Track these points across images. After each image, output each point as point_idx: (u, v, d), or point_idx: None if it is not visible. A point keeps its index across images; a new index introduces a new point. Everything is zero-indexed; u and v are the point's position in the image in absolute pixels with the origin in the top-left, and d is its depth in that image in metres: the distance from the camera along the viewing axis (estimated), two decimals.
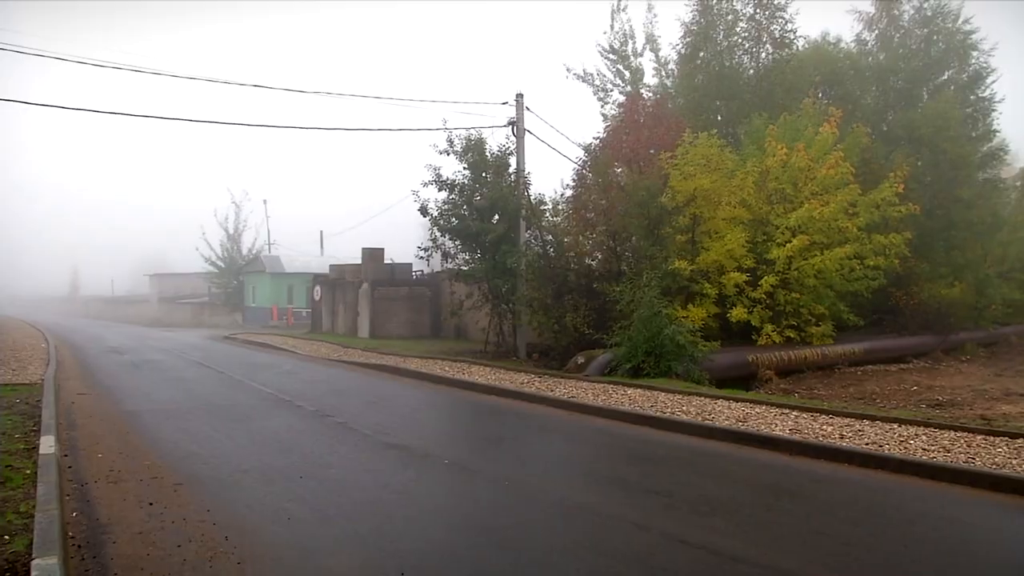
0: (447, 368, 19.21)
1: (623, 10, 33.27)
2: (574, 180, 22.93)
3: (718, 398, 13.28)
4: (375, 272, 33.12)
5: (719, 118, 29.77)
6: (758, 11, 28.75)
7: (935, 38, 33.04)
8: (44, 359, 21.55)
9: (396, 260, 35.59)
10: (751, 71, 29.30)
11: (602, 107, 32.97)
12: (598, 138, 23.86)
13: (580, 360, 18.07)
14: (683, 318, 18.27)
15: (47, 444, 9.20)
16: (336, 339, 30.84)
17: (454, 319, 27.46)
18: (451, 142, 22.91)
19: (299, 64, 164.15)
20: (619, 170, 22.91)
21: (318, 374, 19.09)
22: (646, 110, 24.45)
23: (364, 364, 21.07)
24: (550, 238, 22.01)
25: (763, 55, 29.28)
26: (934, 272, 28.27)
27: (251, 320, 48.58)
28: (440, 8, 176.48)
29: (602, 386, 15.13)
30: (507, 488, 8.03)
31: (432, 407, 14.32)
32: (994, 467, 8.31)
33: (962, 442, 9.54)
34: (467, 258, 23.86)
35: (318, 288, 37.88)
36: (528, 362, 21.12)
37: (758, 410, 12.09)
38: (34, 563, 5.14)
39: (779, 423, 10.96)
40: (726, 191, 21.11)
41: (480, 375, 17.61)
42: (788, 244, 20.77)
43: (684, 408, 12.38)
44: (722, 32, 29.28)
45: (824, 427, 10.60)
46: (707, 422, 11.18)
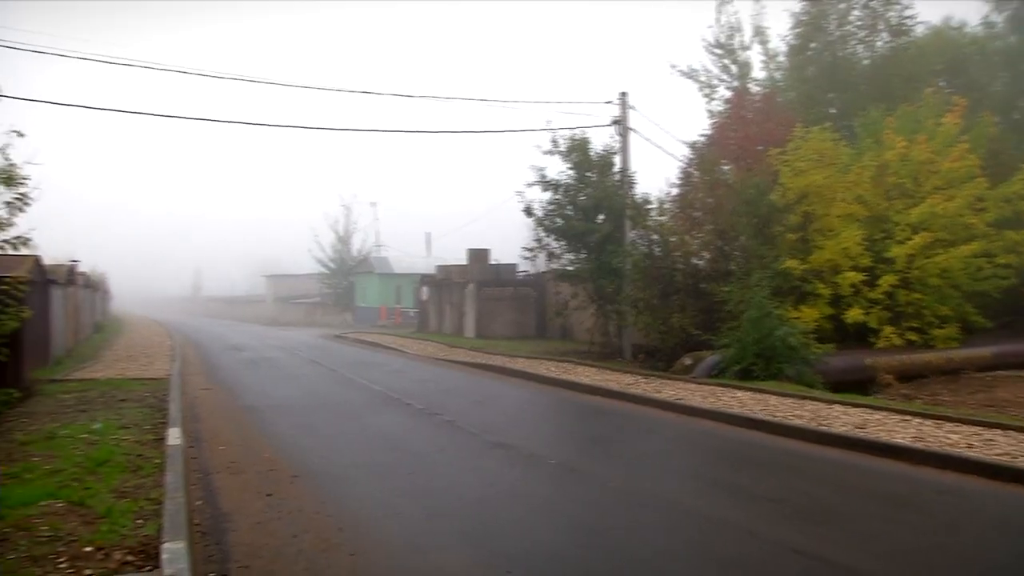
0: (552, 368, 19.24)
1: (729, 3, 32.55)
2: (680, 178, 22.60)
3: (833, 402, 12.81)
4: (481, 272, 33.48)
5: (832, 111, 28.67)
6: None
7: None
8: (170, 355, 22.78)
9: (501, 261, 35.86)
10: (866, 61, 28.13)
11: (708, 103, 32.32)
12: (704, 135, 23.48)
13: (687, 361, 17.78)
14: (795, 319, 17.70)
15: (174, 436, 9.73)
16: (442, 338, 31.35)
17: (559, 319, 27.45)
18: (555, 142, 22.94)
19: (405, 68, 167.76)
20: (726, 167, 22.43)
21: (425, 373, 19.46)
22: (754, 105, 23.85)
23: (470, 363, 21.33)
24: (656, 237, 21.71)
25: (879, 44, 28.07)
26: None
27: (361, 319, 49.94)
28: (542, 8, 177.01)
29: (710, 388, 14.84)
30: (614, 490, 7.98)
31: (538, 407, 14.38)
32: None
33: None
34: (572, 258, 23.79)
35: (425, 288, 38.58)
36: (634, 363, 20.91)
37: (877, 416, 11.58)
38: (164, 546, 5.46)
39: (900, 430, 10.45)
40: (840, 187, 20.33)
41: (585, 375, 17.56)
42: (909, 242, 19.79)
43: (797, 412, 11.99)
44: (835, 21, 28.23)
45: (949, 435, 10.04)
46: (821, 427, 10.79)
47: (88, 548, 5.49)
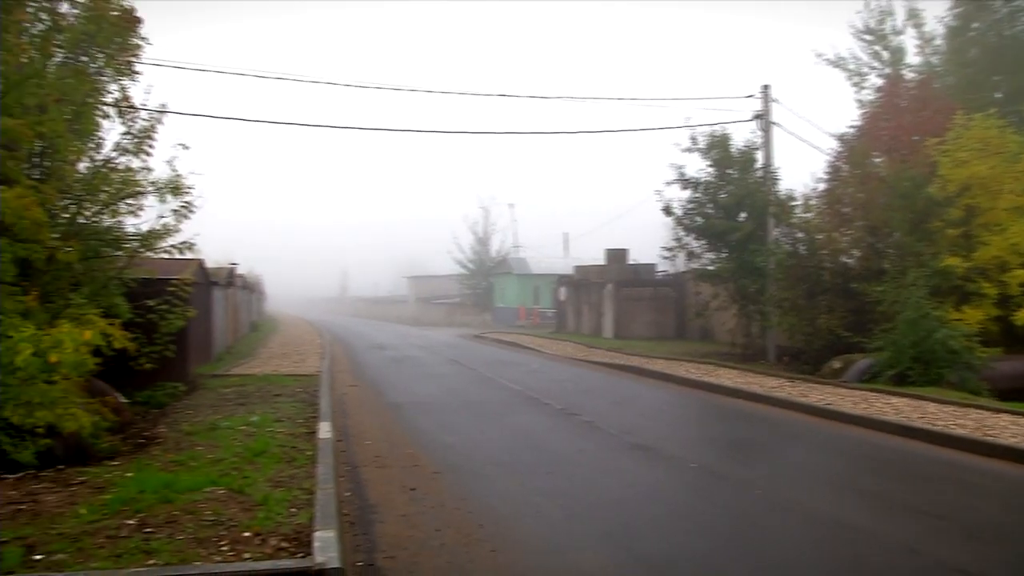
0: (692, 370, 18.87)
1: None
2: (827, 173, 21.62)
3: (1001, 411, 11.90)
4: (619, 273, 33.27)
5: (998, 96, 26.67)
6: None
7: None
8: (320, 353, 23.86)
9: (639, 261, 35.54)
10: None
11: (857, 93, 30.82)
12: (853, 126, 22.36)
13: (836, 365, 17.04)
14: (956, 321, 16.59)
15: (324, 430, 10.18)
16: (580, 339, 31.35)
17: (699, 320, 26.92)
18: (694, 139, 22.53)
19: (541, 69, 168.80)
20: (878, 160, 21.28)
21: (564, 373, 19.50)
22: (908, 92, 22.52)
23: (608, 364, 21.22)
24: (801, 235, 20.92)
25: None
26: None
27: (499, 320, 50.65)
28: (681, 4, 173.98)
29: (861, 393, 14.12)
30: (757, 496, 7.72)
31: (677, 409, 14.12)
32: None
33: None
34: (712, 257, 23.29)
35: (563, 289, 38.70)
36: (778, 365, 20.22)
37: None
38: (316, 535, 5.72)
39: None
40: (1009, 177, 18.86)
41: (727, 378, 17.11)
42: None
43: (959, 421, 11.20)
44: None
45: None
46: (988, 438, 10.03)
47: (247, 533, 5.82)
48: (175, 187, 10.28)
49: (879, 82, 28.87)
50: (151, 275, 12.04)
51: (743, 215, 22.16)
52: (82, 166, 10.59)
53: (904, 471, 9.08)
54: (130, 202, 10.77)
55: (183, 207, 10.41)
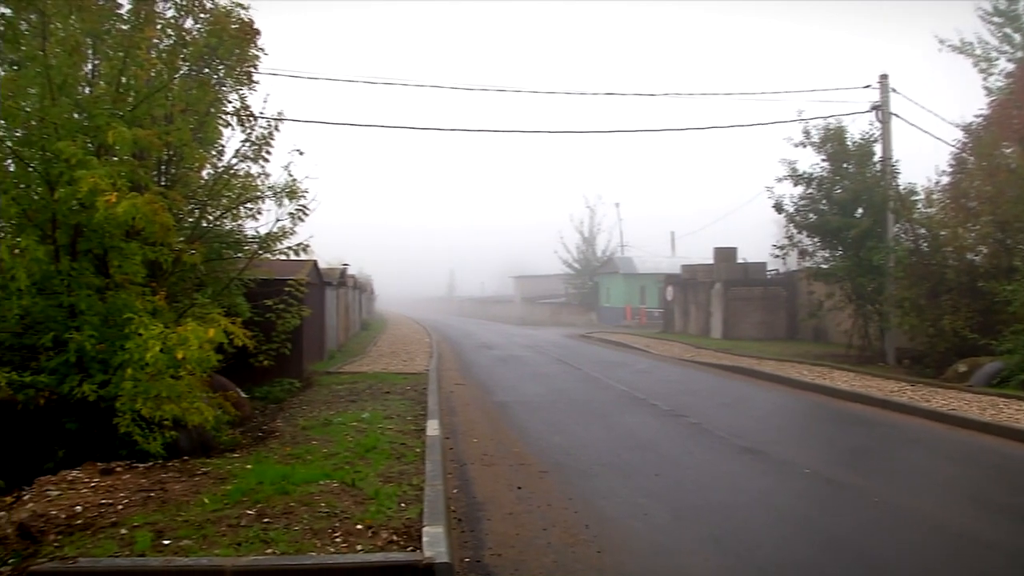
0: (805, 372, 18.27)
1: None
2: (951, 165, 20.49)
3: None
4: (727, 272, 32.55)
5: None
6: None
7: None
8: (428, 352, 24.32)
9: (748, 259, 34.69)
10: None
11: (984, 80, 28.92)
12: (980, 115, 21.04)
13: (961, 368, 16.17)
14: None
15: (432, 427, 10.38)
16: (688, 339, 30.84)
17: (812, 320, 26.08)
18: (807, 133, 21.78)
19: (646, 66, 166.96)
20: (1008, 151, 20.00)
21: (671, 374, 19.23)
22: None
23: (716, 365, 20.80)
24: (923, 231, 19.95)
25: None
26: None
27: (605, 319, 50.36)
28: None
29: (989, 399, 13.34)
30: (876, 506, 7.39)
31: (789, 412, 13.70)
32: None
33: None
34: (827, 256, 22.51)
35: (670, 288, 38.16)
36: (897, 368, 19.35)
37: None
38: (425, 530, 5.86)
39: None
40: None
41: (842, 381, 16.48)
42: None
43: None
44: None
45: None
46: None
47: (359, 526, 5.99)
48: (291, 191, 10.67)
49: (1010, 67, 27.07)
50: (269, 276, 12.54)
51: (860, 211, 21.31)
52: (205, 173, 11.14)
53: None
54: (249, 206, 11.26)
55: (299, 210, 10.79)
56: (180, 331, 7.37)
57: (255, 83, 10.81)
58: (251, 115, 10.10)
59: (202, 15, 10.29)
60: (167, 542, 5.57)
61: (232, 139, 10.83)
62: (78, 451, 7.92)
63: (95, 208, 7.28)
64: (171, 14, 10.08)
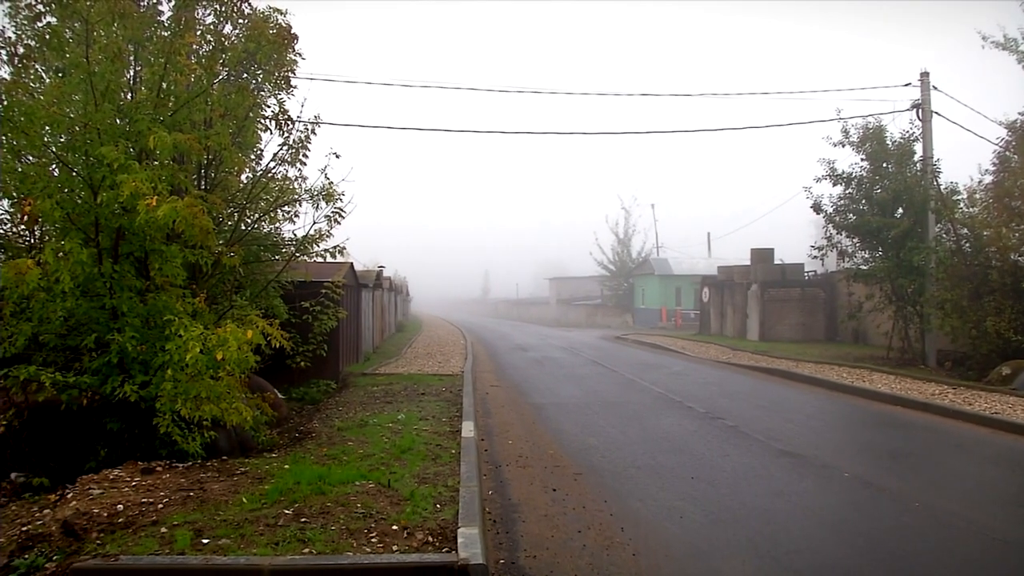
0: (844, 374, 18.02)
1: None
2: (994, 164, 20.08)
3: None
4: (764, 273, 32.21)
5: None
6: None
7: None
8: (463, 354, 24.38)
9: (786, 260, 34.30)
10: None
11: None
12: None
13: (1005, 371, 15.83)
14: None
15: (467, 428, 10.41)
16: (724, 341, 30.57)
17: (852, 322, 25.72)
18: (846, 132, 21.48)
19: (682, 67, 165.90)
20: None
21: (707, 376, 19.07)
22: None
23: (754, 367, 20.59)
24: (965, 231, 19.58)
25: None
26: None
27: (640, 321, 50.12)
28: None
29: None
30: (918, 511, 7.26)
31: (828, 415, 13.51)
32: None
33: None
34: (866, 256, 22.17)
35: (706, 290, 37.86)
36: (939, 371, 19.00)
37: None
38: (460, 531, 5.90)
39: None
40: None
41: (882, 383, 16.23)
42: None
43: None
44: None
45: None
46: None
47: (395, 526, 6.02)
48: (328, 194, 10.76)
49: None
50: (306, 278, 12.68)
51: (900, 211, 20.97)
52: (244, 176, 11.28)
53: None
54: (287, 209, 11.39)
55: (335, 213, 10.88)
56: (220, 333, 7.46)
57: (293, 87, 10.93)
58: (289, 119, 10.19)
59: (240, 21, 10.43)
60: (206, 541, 5.65)
61: (270, 143, 10.97)
62: (119, 450, 8.07)
63: (136, 212, 7.40)
64: (210, 20, 10.24)
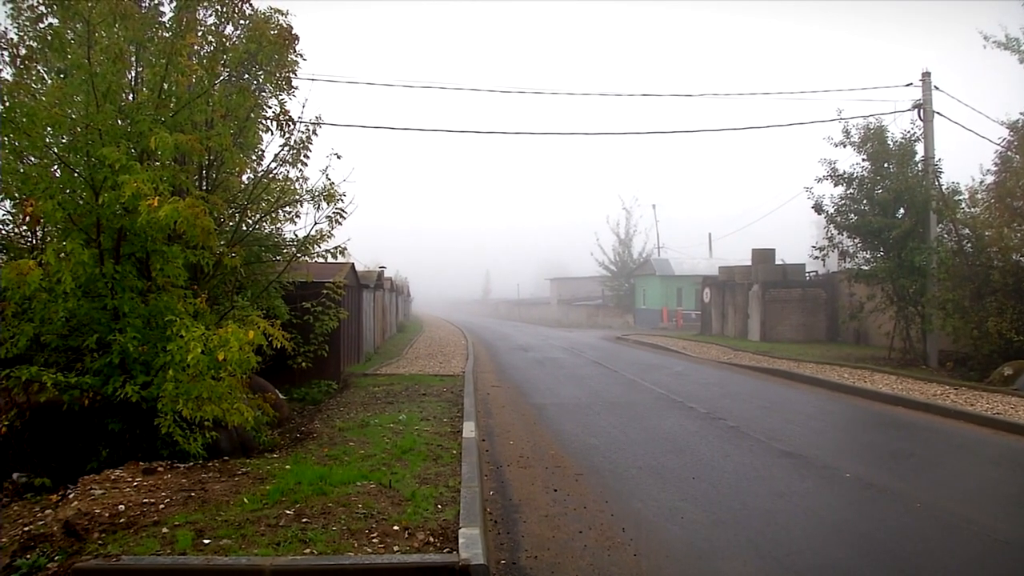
0: (845, 375, 18.01)
1: None
2: (996, 164, 20.07)
3: None
4: (765, 273, 32.20)
5: None
6: None
7: None
8: (464, 354, 24.39)
9: (787, 261, 34.29)
10: None
11: None
12: None
13: (1007, 371, 15.83)
14: None
15: (468, 429, 10.41)
16: (725, 341, 30.57)
17: (853, 323, 25.72)
18: (847, 132, 21.48)
19: (683, 67, 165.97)
20: None
21: (708, 376, 19.06)
22: None
23: (755, 368, 20.58)
24: (966, 232, 19.56)
25: None
26: None
27: (641, 321, 50.10)
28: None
29: None
30: (920, 512, 7.25)
31: (829, 415, 13.51)
32: None
33: None
34: (867, 257, 22.16)
35: (707, 290, 37.86)
36: (940, 371, 18.99)
37: None
38: (461, 531, 5.90)
39: None
40: None
41: (884, 384, 16.22)
42: None
43: None
44: None
45: None
46: None
47: (396, 527, 6.02)
48: (329, 195, 10.76)
49: None
50: (307, 279, 12.66)
51: (901, 211, 20.97)
52: (245, 177, 11.28)
53: None
54: (288, 210, 11.40)
55: (336, 213, 10.87)
56: (221, 333, 7.46)
57: (294, 88, 10.93)
58: (290, 120, 10.18)
59: (242, 21, 10.44)
60: (207, 541, 5.65)
61: (271, 144, 10.97)
62: (121, 451, 8.08)
63: (138, 212, 7.41)
64: (212, 21, 10.25)
